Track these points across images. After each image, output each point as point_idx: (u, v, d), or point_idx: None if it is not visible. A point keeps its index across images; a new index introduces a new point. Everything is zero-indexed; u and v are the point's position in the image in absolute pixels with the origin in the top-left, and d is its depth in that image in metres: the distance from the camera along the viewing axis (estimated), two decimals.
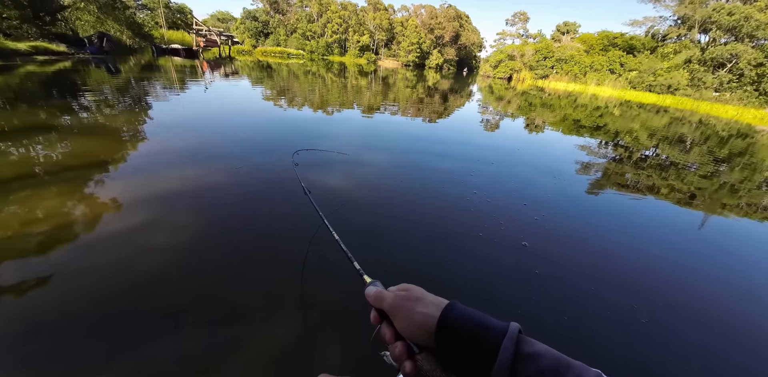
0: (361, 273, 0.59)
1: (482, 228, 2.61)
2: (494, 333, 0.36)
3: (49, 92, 6.88)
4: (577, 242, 2.64)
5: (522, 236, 2.55)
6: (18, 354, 1.29)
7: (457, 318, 0.39)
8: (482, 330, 0.37)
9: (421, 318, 0.40)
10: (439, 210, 2.89)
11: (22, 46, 13.61)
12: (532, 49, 38.88)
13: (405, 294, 0.44)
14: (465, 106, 11.40)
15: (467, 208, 2.96)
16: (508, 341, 0.35)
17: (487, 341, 0.36)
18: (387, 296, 0.45)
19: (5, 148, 3.44)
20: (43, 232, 2.08)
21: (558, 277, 2.14)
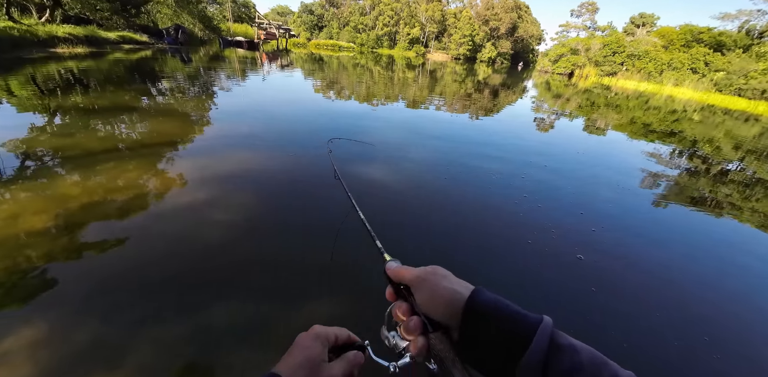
0: (382, 251, 0.56)
1: (531, 235, 2.43)
2: (527, 322, 0.34)
3: (132, 77, 7.74)
4: (640, 261, 2.35)
5: (577, 248, 2.33)
6: (95, 304, 1.47)
7: (487, 301, 0.36)
8: (514, 318, 0.35)
9: (448, 294, 0.38)
10: (484, 213, 2.75)
11: (111, 35, 15.44)
12: (600, 43, 35.42)
13: (431, 269, 0.43)
14: (517, 102, 10.77)
15: (516, 212, 2.79)
16: (542, 331, 0.33)
17: (519, 329, 0.33)
18: (409, 270, 0.44)
19: (94, 125, 3.93)
20: (122, 200, 2.34)
21: (617, 298, 1.93)
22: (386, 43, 51.07)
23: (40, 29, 11.74)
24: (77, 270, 1.67)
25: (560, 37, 45.65)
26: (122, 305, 1.48)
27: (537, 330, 0.33)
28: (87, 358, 1.23)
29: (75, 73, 7.70)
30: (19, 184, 2.46)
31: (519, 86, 17.55)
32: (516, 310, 0.36)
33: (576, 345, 0.33)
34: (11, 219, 2.01)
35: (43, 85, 6.14)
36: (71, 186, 2.48)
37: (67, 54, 11.40)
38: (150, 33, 19.19)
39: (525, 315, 0.35)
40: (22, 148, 3.09)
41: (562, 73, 37.52)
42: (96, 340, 1.30)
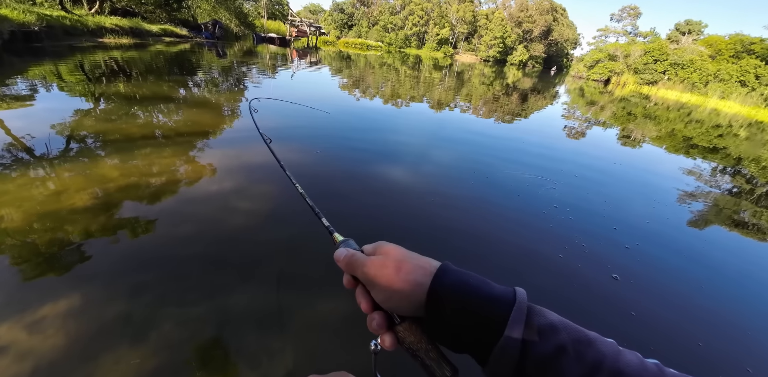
0: (331, 231, 0.49)
1: (562, 249, 2.31)
2: (500, 303, 0.31)
3: (171, 68, 8.09)
4: (684, 286, 2.17)
5: (610, 266, 2.19)
6: (124, 280, 1.53)
7: (453, 284, 0.33)
8: (485, 300, 0.31)
9: (407, 288, 0.34)
10: (512, 222, 2.64)
11: (154, 28, 16.22)
12: (641, 50, 33.67)
13: (382, 260, 0.37)
14: (547, 108, 10.42)
15: (546, 223, 2.65)
16: (517, 313, 0.30)
17: (491, 313, 0.30)
18: (360, 262, 0.37)
19: (135, 112, 4.13)
20: (156, 184, 2.44)
21: (660, 326, 1.79)
22: (414, 43, 50.88)
23: (89, 20, 12.51)
24: (110, 246, 1.75)
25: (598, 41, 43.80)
26: (149, 283, 1.53)
27: (510, 314, 0.30)
28: (113, 331, 1.28)
29: (119, 62, 8.15)
30: (64, 163, 2.61)
31: (550, 91, 16.98)
32: (485, 290, 0.32)
33: (555, 322, 0.31)
34: (56, 195, 2.14)
35: (90, 72, 6.53)
36: (110, 168, 2.62)
37: (112, 44, 12.09)
38: (189, 27, 20.04)
39: (494, 295, 0.32)
40: (68, 130, 3.29)
41: (598, 80, 35.96)
42: (122, 315, 1.35)
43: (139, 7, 17.27)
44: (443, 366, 0.33)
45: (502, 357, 0.29)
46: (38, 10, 11.03)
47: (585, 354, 0.28)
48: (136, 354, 1.19)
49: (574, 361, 0.28)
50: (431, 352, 0.33)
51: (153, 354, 1.21)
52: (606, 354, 0.29)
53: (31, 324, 1.27)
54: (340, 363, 1.28)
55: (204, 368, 1.20)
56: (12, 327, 1.26)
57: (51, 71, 6.25)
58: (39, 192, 2.15)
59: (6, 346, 1.19)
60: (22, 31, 9.26)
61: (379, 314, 0.36)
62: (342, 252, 0.40)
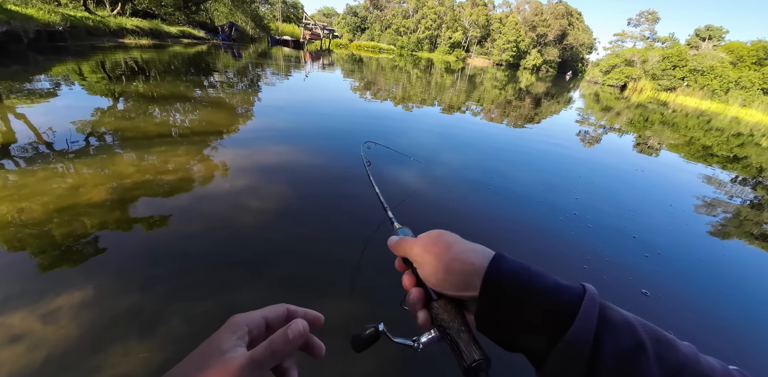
0: (392, 221, 0.52)
1: (585, 259, 2.23)
2: (569, 293, 0.28)
3: (188, 69, 8.28)
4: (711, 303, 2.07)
5: (632, 278, 2.10)
6: (136, 274, 1.56)
7: (513, 269, 0.30)
8: (550, 290, 0.28)
9: (456, 266, 0.32)
10: (531, 229, 2.57)
11: (173, 29, 16.66)
12: (659, 55, 32.98)
13: (433, 239, 0.36)
14: (560, 113, 10.28)
15: (567, 231, 2.58)
16: (589, 304, 0.27)
17: (559, 302, 0.27)
18: (411, 242, 0.38)
19: (152, 111, 4.23)
20: (170, 181, 2.49)
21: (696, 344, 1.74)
22: (426, 46, 50.97)
23: (111, 21, 12.93)
24: (124, 240, 1.79)
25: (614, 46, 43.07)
26: (160, 277, 1.55)
27: (582, 304, 0.27)
28: (123, 324, 1.30)
29: (138, 63, 8.38)
30: (82, 158, 2.69)
31: (564, 96, 16.76)
32: (552, 280, 0.29)
33: (631, 318, 0.28)
34: (74, 189, 2.20)
35: (111, 71, 6.74)
36: (127, 164, 2.68)
37: (133, 44, 12.46)
38: (207, 29, 20.52)
39: (563, 286, 0.29)
40: (87, 127, 3.39)
41: (614, 85, 35.34)
42: (133, 308, 1.37)
43: (159, 9, 17.78)
44: (472, 349, 0.30)
45: (571, 352, 0.25)
46: (63, 10, 11.46)
47: (665, 355, 0.26)
48: (144, 348, 1.21)
49: (654, 361, 0.25)
50: (463, 333, 0.31)
51: (161, 348, 1.22)
52: (688, 357, 0.26)
53: (45, 314, 1.30)
54: (342, 367, 1.27)
55: None
56: (27, 316, 1.29)
57: (73, 70, 6.47)
58: (58, 186, 2.22)
59: (21, 335, 1.22)
60: (47, 30, 9.62)
61: (418, 289, 0.36)
62: (394, 238, 0.42)
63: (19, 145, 2.82)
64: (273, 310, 0.33)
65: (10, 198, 2.02)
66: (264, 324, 0.32)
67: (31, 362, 1.14)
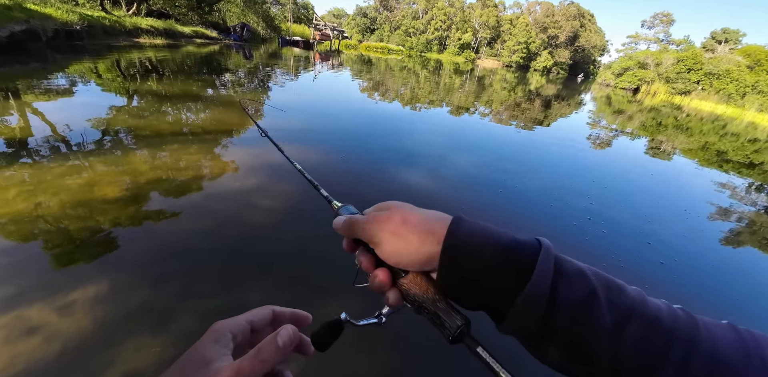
0: (329, 200, 0.47)
1: (600, 266, 2.07)
2: (525, 248, 0.28)
3: (201, 68, 8.40)
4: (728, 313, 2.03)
5: (648, 286, 2.06)
6: (148, 270, 1.58)
7: (471, 231, 0.30)
8: (508, 245, 0.28)
9: (416, 239, 0.31)
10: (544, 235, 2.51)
11: (186, 29, 16.93)
12: (673, 58, 32.36)
13: (386, 214, 0.33)
14: (570, 116, 10.15)
15: (581, 236, 2.54)
16: (545, 257, 0.27)
17: (516, 258, 0.28)
18: (361, 221, 0.34)
19: (165, 109, 4.30)
20: (182, 178, 2.53)
21: None
22: (435, 47, 50.86)
23: (127, 20, 13.20)
24: (137, 236, 1.82)
25: (627, 49, 42.40)
26: (172, 274, 1.58)
27: (538, 259, 0.27)
28: (136, 319, 1.32)
29: (153, 62, 8.54)
30: (97, 155, 2.75)
31: (575, 99, 16.55)
32: (509, 237, 0.29)
33: (583, 268, 0.29)
34: (89, 185, 2.24)
35: (125, 70, 6.87)
36: (140, 162, 2.73)
37: (147, 44, 12.70)
38: (219, 29, 20.81)
39: (519, 242, 0.29)
40: (102, 124, 3.46)
41: (626, 88, 34.77)
42: (145, 303, 1.39)
43: (173, 10, 18.10)
44: (453, 316, 0.30)
45: (529, 305, 0.26)
46: (80, 10, 11.74)
47: (616, 300, 0.27)
48: (156, 343, 1.23)
49: (606, 308, 0.26)
50: (439, 302, 0.30)
51: (172, 343, 1.23)
52: (636, 300, 0.27)
53: (61, 307, 1.32)
54: (352, 365, 1.27)
55: None
56: (44, 309, 1.32)
57: (90, 68, 6.62)
58: (74, 182, 2.27)
59: (37, 327, 1.25)
60: (65, 29, 9.87)
61: (382, 270, 0.33)
62: (340, 219, 0.37)
63: (37, 140, 2.89)
64: (258, 313, 0.32)
65: (29, 193, 2.08)
66: (249, 328, 0.31)
67: (47, 354, 1.16)
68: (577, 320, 0.26)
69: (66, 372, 1.11)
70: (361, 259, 0.35)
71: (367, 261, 0.34)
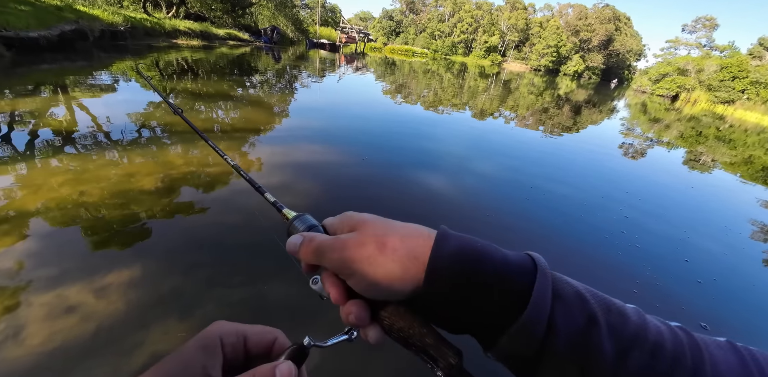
0: (279, 207, 0.40)
1: (634, 284, 2.07)
2: (519, 270, 0.26)
3: (232, 69, 8.75)
4: None
5: (684, 308, 1.93)
6: (178, 259, 1.65)
7: (457, 251, 0.26)
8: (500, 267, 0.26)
9: (397, 269, 0.26)
10: (574, 248, 2.41)
11: (220, 32, 17.68)
12: (716, 65, 30.42)
13: (357, 238, 0.28)
14: (602, 123, 9.75)
15: (614, 250, 2.41)
16: (542, 279, 0.25)
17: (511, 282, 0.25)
18: (326, 247, 0.29)
19: (198, 107, 4.50)
20: (211, 174, 2.63)
21: None
22: (461, 50, 50.41)
23: (166, 23, 13.95)
24: (170, 226, 1.91)
25: (666, 54, 40.28)
26: (201, 263, 1.64)
27: (536, 281, 0.25)
28: (166, 304, 1.38)
29: (189, 62, 8.98)
30: (136, 149, 2.91)
31: (607, 105, 15.89)
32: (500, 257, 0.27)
33: (581, 290, 0.26)
34: (129, 176, 2.38)
35: (164, 69, 7.26)
36: (175, 156, 2.87)
37: (184, 45, 13.37)
38: (251, 32, 21.59)
39: (513, 262, 0.26)
40: (141, 120, 3.67)
41: (664, 95, 32.99)
42: (175, 290, 1.46)
43: (209, 13, 18.97)
44: (445, 351, 0.27)
45: (525, 332, 0.24)
46: (125, 12, 12.54)
47: (618, 325, 0.25)
48: (183, 328, 1.28)
49: (606, 334, 0.24)
50: (428, 337, 0.27)
51: (198, 330, 1.28)
52: (638, 325, 0.25)
53: (98, 289, 1.41)
54: (373, 367, 1.27)
55: None
56: (82, 289, 1.41)
57: (131, 67, 7.04)
58: (114, 173, 2.41)
59: (75, 306, 1.33)
60: (110, 30, 10.57)
61: (357, 304, 0.28)
62: (296, 239, 0.31)
63: (82, 132, 3.10)
64: (260, 332, 0.29)
65: (73, 182, 2.23)
66: (242, 343, 0.28)
67: (83, 332, 1.24)
68: (577, 348, 0.24)
69: (100, 350, 1.18)
70: (329, 290, 0.30)
71: (337, 292, 0.29)
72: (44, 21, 8.10)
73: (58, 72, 5.85)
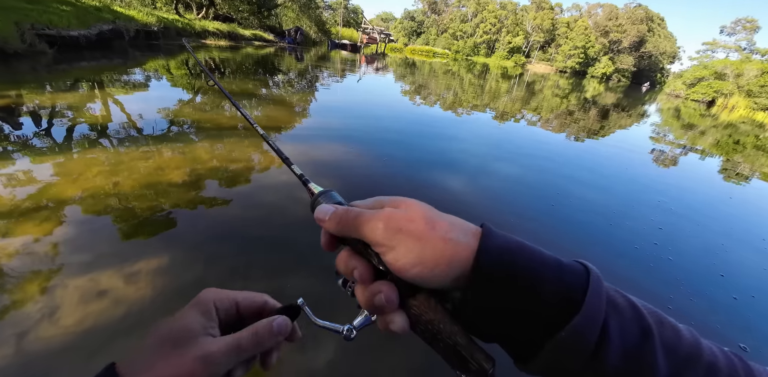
0: (305, 181, 0.38)
1: (668, 298, 1.96)
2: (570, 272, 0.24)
3: (257, 69, 8.98)
4: None
5: (719, 326, 1.81)
6: (201, 250, 1.70)
7: (506, 246, 0.25)
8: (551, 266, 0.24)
9: (448, 248, 0.24)
10: (604, 257, 2.31)
11: (247, 32, 18.20)
12: (757, 69, 28.57)
13: (404, 212, 0.26)
14: (631, 128, 9.34)
15: (645, 262, 2.29)
16: (596, 285, 0.23)
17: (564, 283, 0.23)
18: (367, 217, 0.27)
19: (224, 105, 4.64)
20: (234, 169, 2.71)
21: None
22: (483, 51, 49.65)
23: (196, 23, 14.49)
24: (193, 218, 1.98)
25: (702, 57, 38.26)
26: (221, 255, 1.69)
27: (589, 287, 0.23)
28: (189, 292, 1.43)
29: (216, 61, 9.29)
30: (166, 143, 3.03)
31: (637, 109, 15.23)
32: (553, 258, 0.25)
33: (634, 301, 0.25)
34: (159, 169, 2.49)
35: (193, 68, 7.54)
36: (201, 151, 2.97)
37: (213, 45, 13.85)
38: (275, 33, 22.12)
39: (565, 265, 0.25)
40: (171, 116, 3.82)
41: (699, 100, 31.27)
42: (198, 279, 1.51)
43: (237, 14, 19.57)
44: (477, 354, 0.24)
45: (575, 342, 0.22)
46: (158, 13, 13.12)
47: (672, 342, 0.23)
48: None
49: (661, 350, 0.22)
50: (459, 335, 0.25)
51: None
52: (692, 344, 0.24)
53: (128, 275, 1.48)
54: (388, 362, 1.26)
55: None
56: (113, 275, 1.48)
57: (163, 65, 7.36)
58: (145, 165, 2.52)
59: (107, 290, 1.40)
60: (144, 30, 11.09)
61: (387, 284, 0.26)
62: (326, 208, 0.30)
63: (116, 127, 3.26)
64: (250, 297, 0.30)
65: (108, 173, 2.35)
66: (234, 308, 0.30)
67: (113, 315, 1.29)
68: (631, 361, 0.22)
69: (127, 334, 1.23)
70: (355, 265, 0.28)
71: (364, 269, 0.27)
72: (84, 21, 8.60)
73: (95, 69, 6.20)
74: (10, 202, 1.91)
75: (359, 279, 0.28)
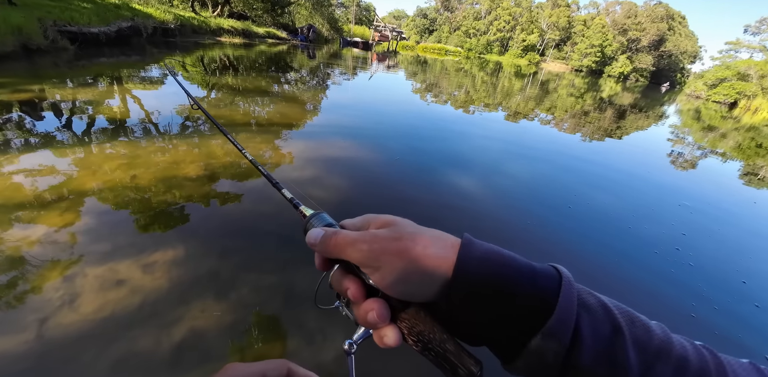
0: (297, 204, 0.39)
1: (690, 306, 1.90)
2: (544, 277, 0.26)
3: (270, 66, 9.06)
4: None
5: (741, 335, 1.75)
6: (215, 243, 1.74)
7: (484, 256, 0.26)
8: (526, 274, 0.26)
9: (430, 264, 0.26)
10: (622, 263, 2.24)
11: (260, 30, 18.37)
12: None
13: (390, 233, 0.28)
14: (649, 129, 9.09)
15: (665, 268, 2.22)
16: (567, 287, 0.25)
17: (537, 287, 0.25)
18: (353, 238, 0.28)
19: (238, 102, 4.70)
20: (247, 164, 2.73)
21: None
22: (496, 49, 48.89)
23: (212, 21, 14.70)
24: (208, 212, 2.02)
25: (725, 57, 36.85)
26: (236, 248, 1.73)
27: (561, 290, 0.25)
28: (203, 283, 1.46)
29: (230, 59, 9.41)
30: (181, 138, 3.10)
31: (656, 110, 14.80)
32: (526, 264, 0.27)
33: (605, 300, 0.26)
34: (175, 163, 2.54)
35: (208, 65, 7.65)
36: (215, 147, 3.01)
37: (227, 42, 14.03)
38: (288, 30, 22.26)
39: (538, 271, 0.26)
40: (186, 112, 3.89)
41: (721, 102, 30.13)
42: (212, 271, 1.54)
43: (251, 12, 19.78)
44: (466, 359, 0.26)
45: (550, 342, 0.23)
46: (175, 10, 13.35)
47: (642, 338, 0.25)
48: (218, 307, 1.35)
49: (632, 345, 0.24)
50: (448, 343, 0.26)
51: (231, 310, 1.35)
52: (662, 339, 0.25)
53: (145, 266, 1.52)
54: (397, 361, 1.27)
55: (264, 332, 1.29)
56: (131, 265, 1.52)
57: (179, 62, 7.49)
58: (161, 160, 2.58)
59: (125, 280, 1.44)
60: (161, 27, 11.30)
61: (378, 302, 0.28)
62: (317, 232, 0.31)
63: (134, 122, 3.34)
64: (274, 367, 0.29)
65: (127, 166, 2.41)
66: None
67: (131, 304, 1.33)
68: (603, 358, 0.24)
69: (144, 322, 1.26)
70: (348, 285, 0.29)
71: (356, 288, 0.29)
72: (104, 18, 8.82)
73: (115, 65, 6.35)
74: (33, 193, 1.98)
75: (352, 298, 0.29)
